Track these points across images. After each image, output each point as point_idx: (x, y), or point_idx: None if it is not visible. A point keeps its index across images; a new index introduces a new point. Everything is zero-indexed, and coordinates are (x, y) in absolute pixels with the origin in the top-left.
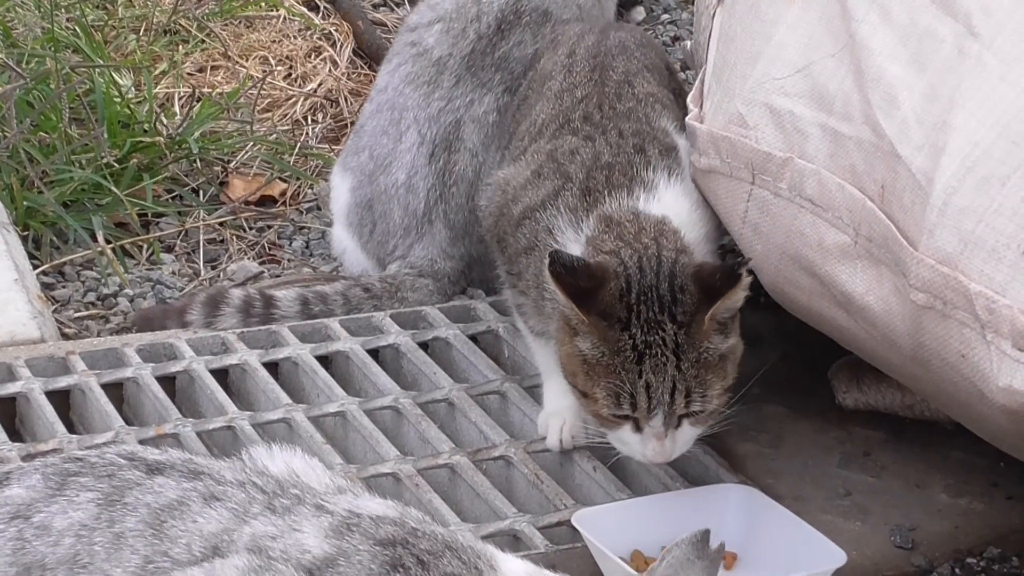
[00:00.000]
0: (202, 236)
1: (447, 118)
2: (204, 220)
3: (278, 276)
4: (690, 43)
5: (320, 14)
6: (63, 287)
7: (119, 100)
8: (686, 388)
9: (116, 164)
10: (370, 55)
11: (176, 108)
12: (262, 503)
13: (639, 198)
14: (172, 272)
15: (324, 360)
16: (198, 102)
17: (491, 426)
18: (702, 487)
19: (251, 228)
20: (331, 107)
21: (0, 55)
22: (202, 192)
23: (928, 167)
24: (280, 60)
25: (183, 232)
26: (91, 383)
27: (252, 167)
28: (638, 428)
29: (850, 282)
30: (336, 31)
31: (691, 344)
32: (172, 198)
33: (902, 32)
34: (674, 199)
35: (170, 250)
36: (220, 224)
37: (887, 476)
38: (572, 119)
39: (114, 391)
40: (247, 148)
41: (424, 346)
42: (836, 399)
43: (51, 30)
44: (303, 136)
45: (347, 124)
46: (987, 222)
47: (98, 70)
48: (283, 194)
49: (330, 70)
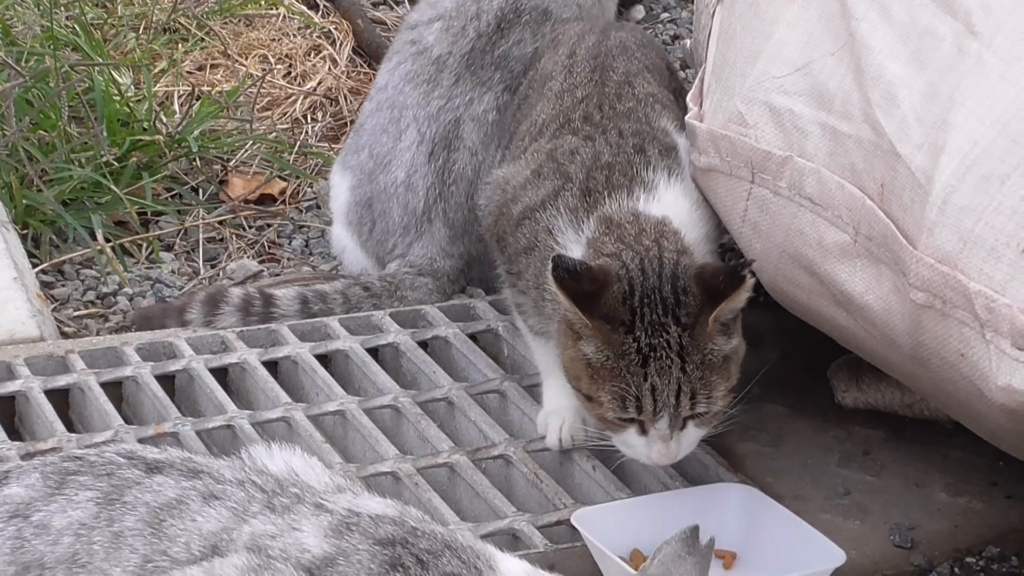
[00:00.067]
0: (201, 235)
1: (447, 117)
2: (203, 219)
3: (277, 275)
4: (690, 42)
5: (320, 12)
6: (62, 286)
7: (118, 98)
8: (691, 390)
9: (115, 162)
10: (370, 53)
11: (175, 106)
12: (261, 502)
13: (639, 198)
14: (171, 271)
15: (323, 359)
16: (197, 100)
17: (490, 425)
18: (702, 486)
19: (251, 227)
20: (331, 105)
21: None
22: (201, 191)
23: (928, 166)
24: (280, 58)
25: (182, 231)
26: (90, 382)
27: (252, 166)
28: (643, 431)
29: (849, 281)
30: (336, 29)
31: (695, 346)
32: (171, 197)
33: (902, 30)
34: (674, 199)
35: (169, 249)
36: (219, 223)
37: (886, 475)
38: (572, 119)
39: (113, 390)
40: (247, 146)
41: (423, 345)
42: (835, 398)
43: (50, 28)
44: (303, 135)
45: (347, 123)
46: (987, 221)
47: (97, 68)
48: (283, 193)
49: (330, 68)
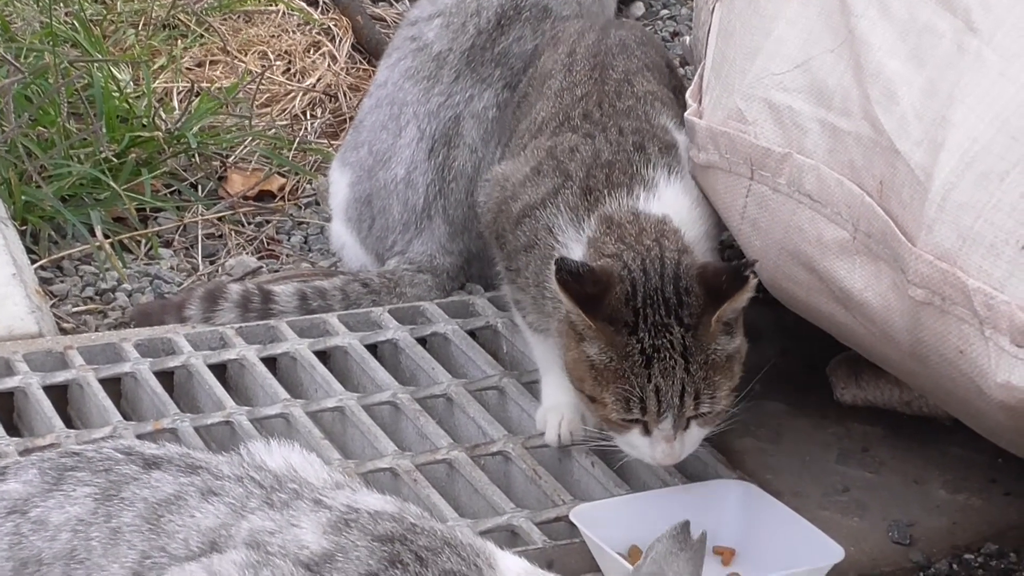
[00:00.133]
0: (200, 231)
1: (446, 113)
2: (203, 215)
3: (276, 271)
4: (689, 38)
5: (319, 9)
6: (61, 282)
7: (118, 95)
8: (695, 390)
9: (114, 159)
10: (369, 50)
11: (175, 103)
12: (260, 498)
13: (639, 197)
14: (170, 267)
15: (322, 355)
16: (197, 97)
17: (489, 421)
18: (701, 483)
19: (250, 223)
20: (330, 102)
21: None
22: (201, 187)
23: (927, 163)
24: (279, 55)
25: (181, 227)
26: (89, 378)
27: (251, 162)
28: (647, 431)
29: (848, 278)
30: (335, 26)
31: (699, 346)
32: (170, 193)
33: (901, 27)
34: (674, 197)
35: (168, 245)
36: (219, 219)
37: (885, 472)
38: (572, 117)
39: (112, 386)
40: (246, 143)
41: (422, 341)
42: (834, 395)
43: (49, 24)
44: (302, 131)
45: (346, 119)
46: (986, 218)
47: (97, 65)
48: (282, 189)
49: (329, 65)
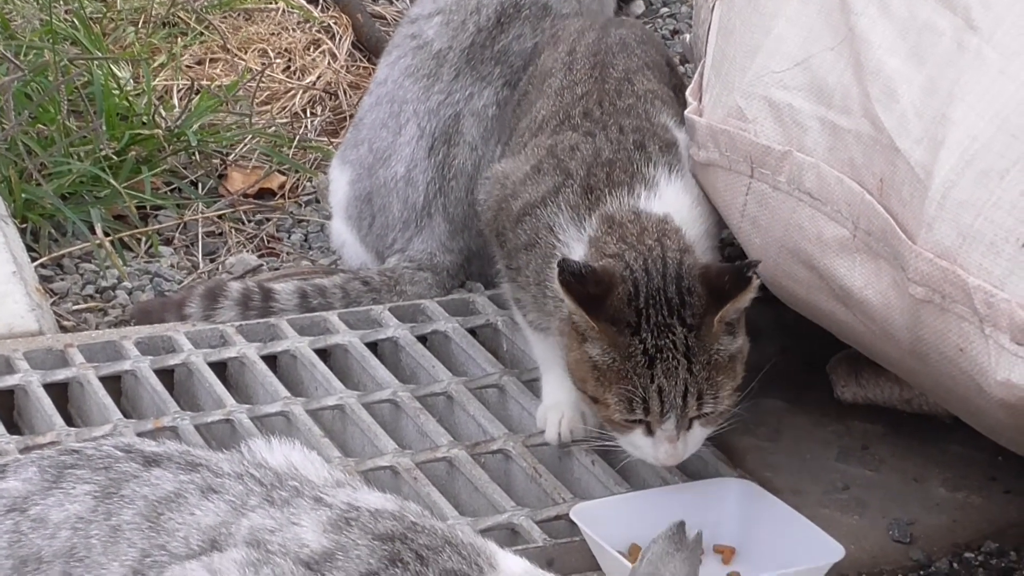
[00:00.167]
0: (200, 229)
1: (446, 111)
2: (203, 213)
3: (277, 269)
4: (689, 36)
5: (319, 7)
6: (61, 280)
7: (117, 92)
8: (698, 391)
9: (114, 156)
10: (369, 48)
11: (175, 100)
12: (260, 495)
13: (640, 196)
14: (170, 265)
15: (323, 353)
16: (197, 95)
17: (489, 420)
18: (700, 481)
19: (250, 221)
20: (330, 100)
21: None
22: (201, 185)
23: (927, 160)
24: (279, 53)
25: (182, 225)
26: (89, 376)
27: (251, 160)
28: (650, 432)
29: (849, 276)
30: (335, 24)
31: (701, 346)
32: (171, 191)
33: (901, 25)
34: (675, 196)
35: (168, 243)
36: (219, 217)
37: (885, 470)
38: (572, 115)
39: (112, 384)
40: (246, 141)
41: (423, 339)
42: (834, 393)
43: (49, 22)
44: (302, 129)
45: (346, 117)
46: (986, 216)
47: (96, 62)
48: (282, 187)
49: (329, 63)
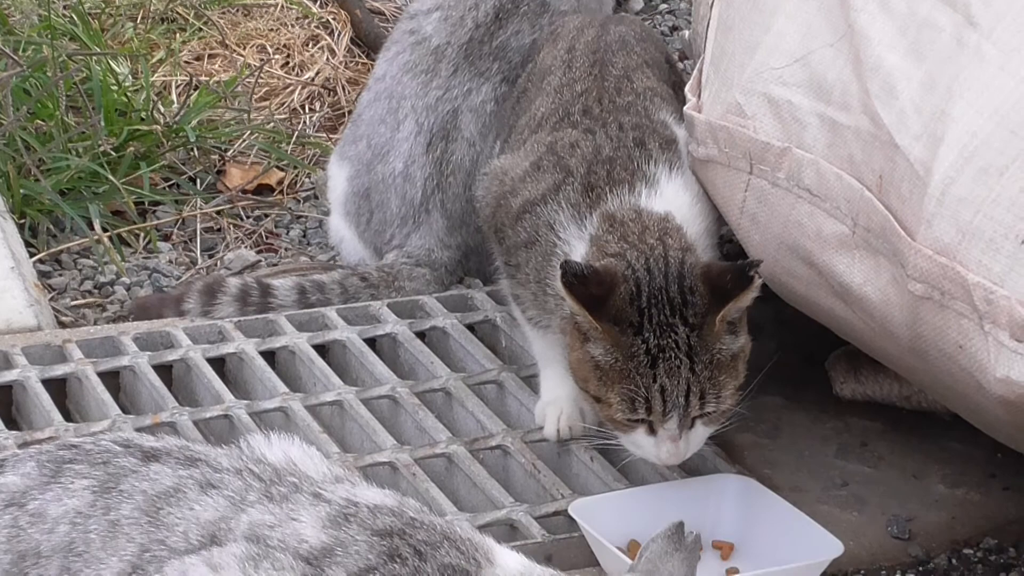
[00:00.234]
0: (199, 225)
1: (445, 107)
2: (201, 209)
3: (275, 265)
4: (688, 33)
5: (318, 3)
6: (60, 275)
7: (116, 88)
8: (700, 390)
9: (113, 152)
10: (368, 43)
11: (173, 96)
12: (259, 491)
13: (641, 194)
14: (169, 261)
15: (321, 349)
16: (195, 90)
17: (488, 415)
18: (699, 477)
19: (248, 217)
20: (328, 96)
21: None
22: (199, 180)
23: (926, 157)
24: (277, 48)
25: (180, 221)
26: (88, 371)
27: (249, 156)
28: (652, 431)
29: (848, 272)
30: (334, 19)
31: (704, 346)
32: (169, 186)
33: (901, 21)
34: (675, 193)
35: (167, 239)
36: (217, 213)
37: (884, 467)
38: (572, 112)
39: (111, 379)
40: (244, 136)
41: (421, 335)
42: (834, 389)
43: (48, 17)
44: (300, 125)
45: (344, 113)
46: (985, 212)
47: (95, 58)
48: (280, 183)
49: (328, 59)
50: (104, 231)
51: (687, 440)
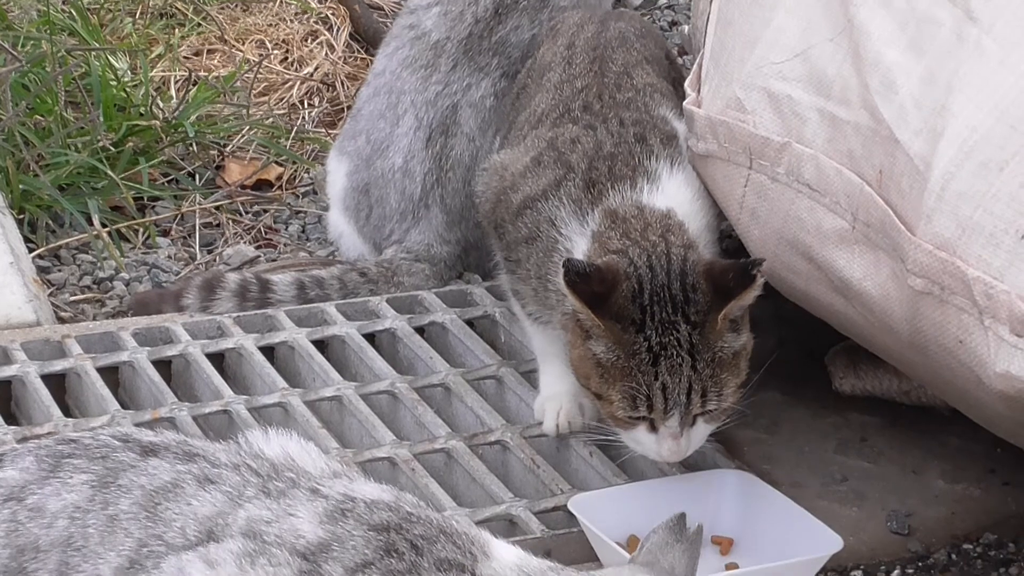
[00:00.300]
0: (198, 220)
1: (444, 102)
2: (200, 204)
3: (274, 260)
4: (688, 28)
5: None
6: (59, 271)
7: (115, 83)
8: (702, 388)
9: (112, 148)
10: (367, 39)
11: (172, 92)
12: (256, 486)
13: (643, 190)
14: (168, 256)
15: (320, 344)
16: (194, 86)
17: (487, 411)
18: (699, 472)
19: (247, 212)
20: (328, 91)
21: None
22: (198, 176)
23: (926, 152)
24: (277, 44)
25: (179, 216)
26: (87, 367)
27: (248, 151)
28: (653, 428)
29: (848, 267)
30: (333, 15)
31: (705, 344)
32: (168, 182)
33: (901, 16)
34: (677, 189)
35: (166, 234)
36: (216, 208)
37: (884, 462)
38: (572, 108)
39: (110, 375)
40: (243, 132)
41: (420, 331)
42: (833, 385)
43: (47, 13)
44: (299, 120)
45: (344, 108)
46: (985, 207)
47: (94, 53)
48: (279, 178)
49: (327, 54)
50: (103, 226)
51: (688, 437)
